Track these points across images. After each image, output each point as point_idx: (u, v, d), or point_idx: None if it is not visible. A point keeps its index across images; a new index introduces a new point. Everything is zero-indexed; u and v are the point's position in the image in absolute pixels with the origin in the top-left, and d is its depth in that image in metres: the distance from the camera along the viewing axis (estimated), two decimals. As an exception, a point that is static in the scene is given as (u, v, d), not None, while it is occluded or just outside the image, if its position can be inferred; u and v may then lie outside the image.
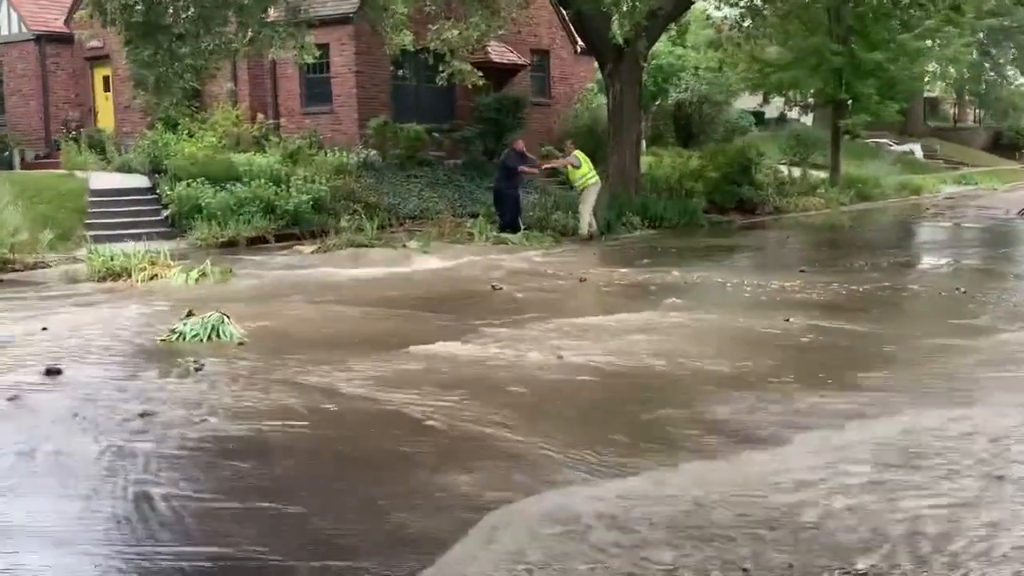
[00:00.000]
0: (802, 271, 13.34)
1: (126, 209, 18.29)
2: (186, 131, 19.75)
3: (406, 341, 8.72)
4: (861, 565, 4.17)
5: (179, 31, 16.52)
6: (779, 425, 6.22)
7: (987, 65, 50.12)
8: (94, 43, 23.73)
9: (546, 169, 20.34)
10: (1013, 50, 50.57)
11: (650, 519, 4.68)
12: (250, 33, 17.27)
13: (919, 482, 5.17)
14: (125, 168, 20.52)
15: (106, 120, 26.15)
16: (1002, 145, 51.01)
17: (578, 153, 18.81)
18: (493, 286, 12.25)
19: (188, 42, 16.58)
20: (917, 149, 43.48)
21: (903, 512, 4.74)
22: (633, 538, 4.48)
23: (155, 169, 19.35)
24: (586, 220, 18.33)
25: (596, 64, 23.74)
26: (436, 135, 23.10)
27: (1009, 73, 52.83)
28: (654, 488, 5.14)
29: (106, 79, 26.30)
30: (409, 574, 4.22)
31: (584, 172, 18.44)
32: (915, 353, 8.45)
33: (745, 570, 4.15)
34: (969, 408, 6.54)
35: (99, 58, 25.76)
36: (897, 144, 42.82)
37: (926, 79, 32.82)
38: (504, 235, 17.48)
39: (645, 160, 23.83)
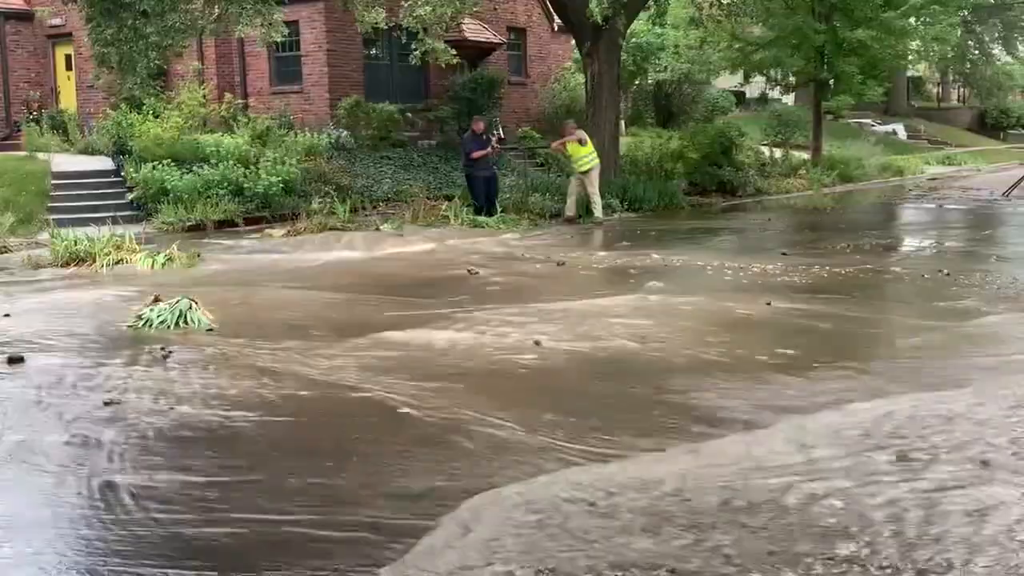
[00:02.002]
0: (783, 254, 13.29)
1: (90, 192, 17.86)
2: (151, 111, 19.26)
3: (379, 327, 8.66)
4: (843, 550, 4.13)
5: (143, 8, 16.01)
6: (760, 409, 6.16)
7: (972, 44, 49.87)
8: (55, 21, 23.13)
9: (557, 149, 19.72)
10: (999, 28, 50.34)
11: (629, 506, 4.64)
12: (216, 10, 16.85)
13: (902, 466, 5.09)
14: (88, 150, 20.12)
15: (68, 100, 25.59)
16: (987, 125, 50.96)
17: (581, 132, 18.46)
18: (469, 270, 12.07)
19: (152, 20, 16.11)
20: (900, 129, 43.33)
21: (885, 497, 4.69)
22: (612, 525, 4.44)
23: (119, 151, 18.89)
24: (599, 203, 18.02)
25: (574, 42, 23.35)
26: (410, 115, 22.68)
27: (994, 52, 52.60)
28: (633, 474, 5.07)
29: (68, 58, 25.70)
30: (383, 564, 4.14)
31: (590, 151, 18.11)
32: (898, 336, 8.45)
33: (727, 557, 4.10)
34: (953, 392, 6.46)
35: (60, 36, 25.16)
36: (880, 124, 42.67)
37: (909, 58, 32.50)
38: (480, 218, 17.12)
39: (624, 141, 23.53)
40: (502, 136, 19.39)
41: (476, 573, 4.02)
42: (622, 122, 25.27)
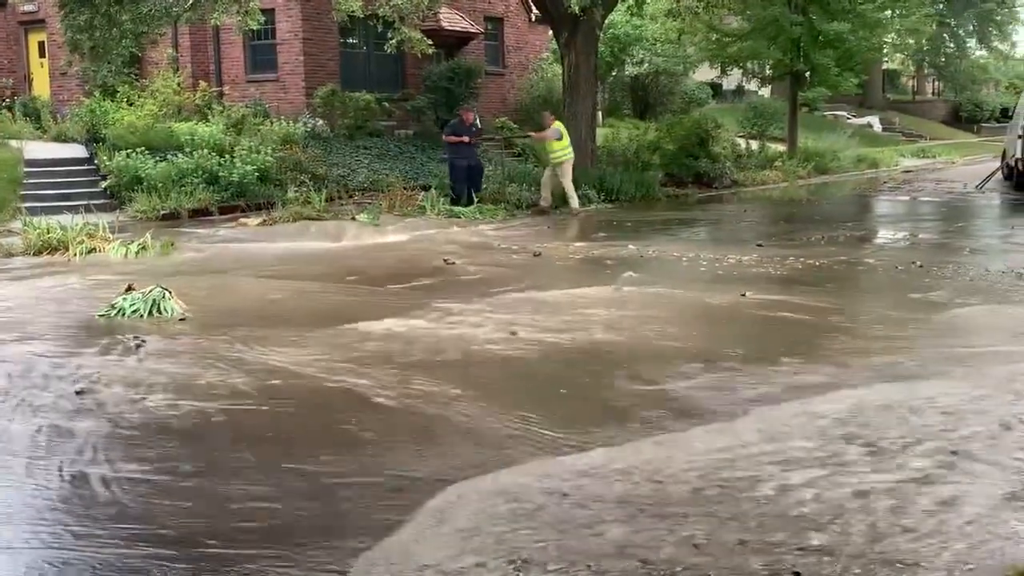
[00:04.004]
0: (759, 245, 13.31)
1: (63, 180, 17.67)
2: (125, 99, 19.13)
3: (354, 316, 8.59)
4: (815, 541, 4.15)
5: (117, -6, 15.88)
6: (733, 400, 6.17)
7: (946, 37, 50.24)
8: (28, 7, 22.95)
9: (537, 140, 19.77)
10: (974, 21, 50.69)
11: (602, 496, 4.64)
12: (191, -3, 16.69)
13: (873, 457, 5.11)
14: (62, 137, 19.91)
15: (41, 87, 25.37)
16: (961, 118, 51.34)
17: (558, 125, 18.43)
18: (445, 260, 12.02)
19: (127, 7, 15.98)
20: (875, 122, 43.60)
21: (857, 487, 4.71)
22: (585, 515, 4.43)
23: (93, 138, 18.74)
24: (574, 195, 18.01)
25: (551, 33, 23.30)
26: (386, 104, 22.59)
27: (969, 45, 53.00)
28: (607, 464, 5.06)
29: (41, 44, 25.46)
30: (356, 555, 4.12)
31: (564, 145, 18.10)
32: (871, 327, 8.43)
33: (698, 547, 4.10)
34: (924, 382, 6.49)
35: (34, 23, 24.94)
36: (855, 117, 42.93)
37: (885, 50, 32.65)
38: (457, 208, 17.09)
39: (601, 132, 23.54)
40: (479, 127, 19.38)
41: (449, 564, 4.01)
42: (599, 113, 25.28)
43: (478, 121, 19.95)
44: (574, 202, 18.08)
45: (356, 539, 4.25)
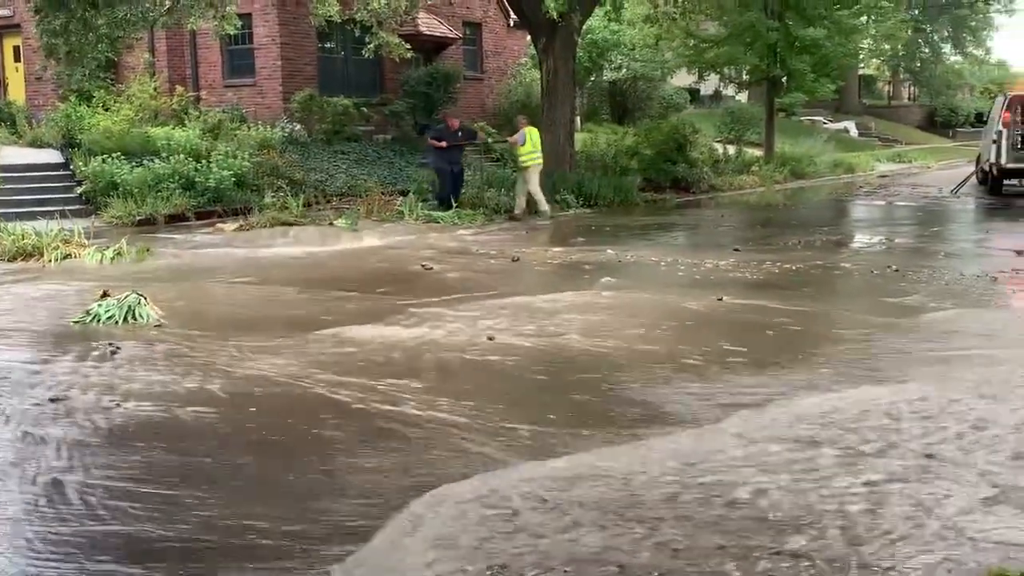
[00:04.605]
0: (736, 250, 13.37)
1: (38, 186, 17.54)
2: (101, 104, 18.99)
3: (332, 323, 8.58)
4: (792, 544, 4.16)
5: (93, -1, 15.77)
6: (710, 404, 6.19)
7: (922, 42, 50.62)
8: (3, 11, 22.77)
9: (512, 143, 19.75)
10: (949, 27, 51.12)
11: (580, 501, 4.64)
12: (168, 2, 16.60)
13: (849, 461, 5.14)
14: (37, 142, 19.74)
15: (16, 92, 25.18)
16: (936, 123, 51.71)
17: (528, 130, 18.32)
18: (423, 265, 12.02)
19: (102, 11, 15.84)
20: (852, 127, 43.88)
21: (833, 491, 4.74)
22: (563, 520, 4.43)
23: (68, 144, 18.61)
24: (542, 199, 17.97)
25: (530, 38, 23.32)
26: (364, 109, 22.53)
27: (944, 50, 53.42)
28: (584, 469, 5.07)
29: (16, 49, 25.28)
30: (333, 562, 4.10)
31: (527, 150, 18.03)
32: (847, 331, 8.47)
33: (676, 551, 4.11)
34: (899, 386, 6.53)
35: (9, 27, 24.76)
36: (831, 122, 43.16)
37: (861, 56, 32.86)
38: (435, 213, 17.07)
39: (580, 137, 23.57)
40: (471, 131, 19.41)
41: (427, 570, 3.99)
42: (578, 118, 25.31)
43: (469, 127, 20.00)
44: (543, 205, 18.02)
45: (332, 547, 4.22)
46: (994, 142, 21.57)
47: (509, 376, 7.06)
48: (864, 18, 27.68)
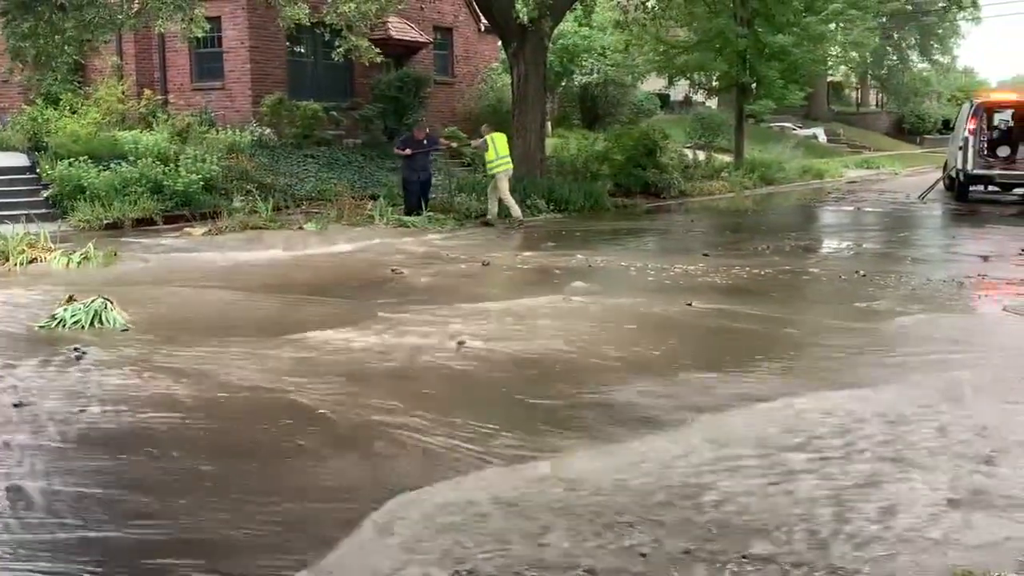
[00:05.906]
0: (705, 255, 13.42)
1: (3, 189, 17.25)
2: (68, 107, 18.79)
3: (300, 327, 8.53)
4: (758, 549, 4.19)
5: (60, 2, 15.58)
6: (679, 409, 6.22)
7: (890, 49, 51.11)
8: (-32, 14, 22.44)
9: (475, 148, 19.75)
10: (916, 34, 51.65)
11: (549, 505, 4.66)
12: (136, 5, 16.46)
13: (816, 465, 5.19)
14: (3, 146, 19.41)
15: (-18, 95, 24.83)
16: (904, 129, 52.19)
17: (492, 137, 18.09)
18: (393, 270, 11.98)
19: (70, 14, 15.68)
20: (820, 133, 44.17)
21: (800, 495, 4.78)
22: (532, 525, 4.46)
23: (35, 147, 18.40)
24: (513, 204, 17.91)
25: (500, 43, 23.32)
26: (334, 114, 22.46)
27: (912, 58, 53.99)
28: (553, 474, 5.10)
29: (-18, 52, 24.92)
30: (301, 567, 4.09)
31: (491, 158, 17.94)
32: (814, 336, 8.55)
33: (644, 555, 4.12)
34: (867, 390, 6.60)
35: (-24, 30, 24.38)
36: (800, 128, 43.44)
37: (829, 63, 33.10)
38: (406, 218, 17.01)
39: (551, 142, 23.58)
40: (435, 139, 19.37)
41: (394, 575, 3.98)
42: (548, 123, 25.33)
43: (437, 132, 19.98)
44: (515, 211, 17.95)
45: (299, 553, 4.20)
46: (960, 149, 21.80)
47: (478, 381, 7.05)
48: (832, 25, 27.87)
